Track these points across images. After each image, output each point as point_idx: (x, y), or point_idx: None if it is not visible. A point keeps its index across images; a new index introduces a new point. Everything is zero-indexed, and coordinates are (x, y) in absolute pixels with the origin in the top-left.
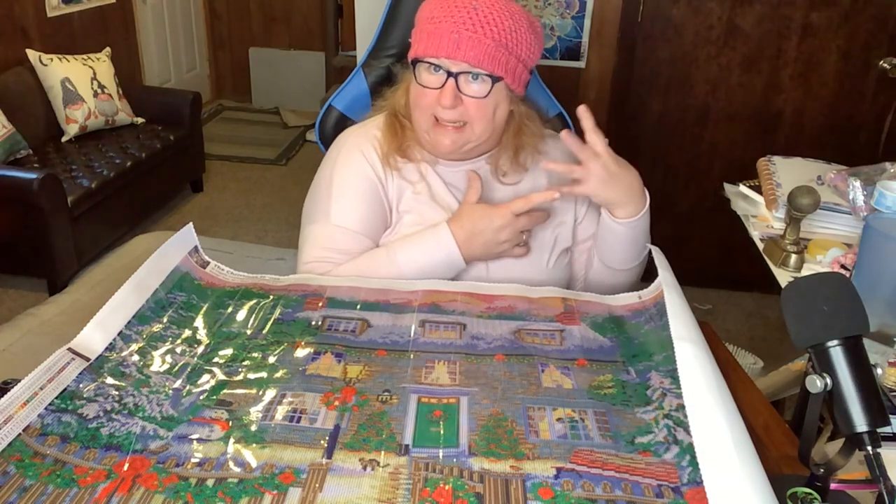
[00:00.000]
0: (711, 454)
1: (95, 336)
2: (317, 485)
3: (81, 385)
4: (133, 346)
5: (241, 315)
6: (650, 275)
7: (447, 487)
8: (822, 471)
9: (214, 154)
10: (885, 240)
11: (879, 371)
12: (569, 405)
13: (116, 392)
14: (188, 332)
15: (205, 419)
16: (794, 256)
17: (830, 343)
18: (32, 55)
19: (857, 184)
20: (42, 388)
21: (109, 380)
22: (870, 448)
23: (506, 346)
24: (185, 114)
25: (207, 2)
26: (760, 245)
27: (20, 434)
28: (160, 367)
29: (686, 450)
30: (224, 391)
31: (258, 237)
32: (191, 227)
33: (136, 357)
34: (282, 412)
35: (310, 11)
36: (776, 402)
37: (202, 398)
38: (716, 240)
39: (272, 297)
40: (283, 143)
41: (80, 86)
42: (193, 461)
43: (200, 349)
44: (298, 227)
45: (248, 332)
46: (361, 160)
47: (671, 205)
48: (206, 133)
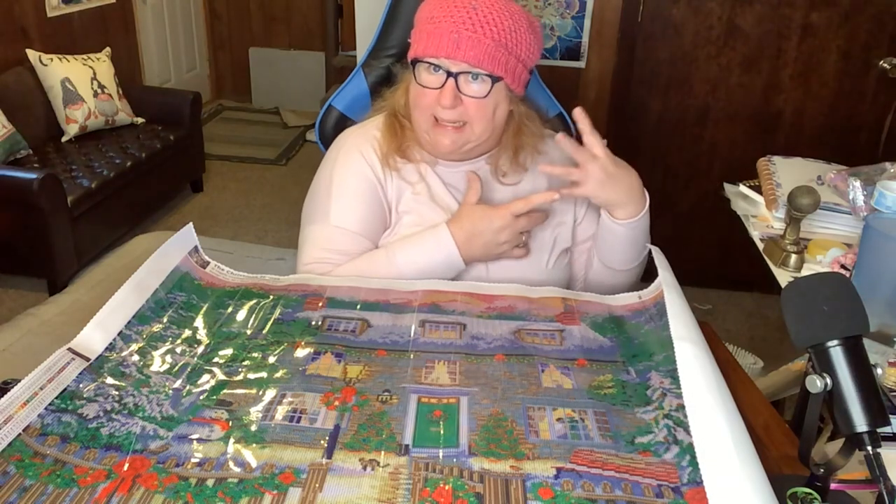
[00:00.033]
0: (711, 454)
1: (95, 336)
2: (317, 485)
3: (81, 385)
4: (133, 346)
5: (241, 315)
6: (650, 275)
7: (447, 487)
8: (822, 471)
9: (214, 154)
10: (885, 240)
11: (879, 371)
12: (569, 405)
13: (116, 392)
14: (188, 332)
15: (205, 419)
16: (794, 256)
17: (830, 343)
18: (32, 55)
19: (857, 184)
20: (42, 388)
21: (109, 380)
22: (870, 448)
23: (506, 346)
24: (185, 114)
25: (207, 2)
26: (760, 245)
27: (20, 434)
28: (160, 367)
29: (686, 450)
30: (224, 391)
31: (258, 237)
32: (191, 227)
33: (136, 357)
34: (282, 412)
35: (310, 11)
36: (776, 402)
37: (202, 398)
38: (716, 240)
39: (272, 297)
40: (283, 143)
41: (80, 86)
42: (193, 461)
43: (200, 349)
44: (298, 227)
45: (248, 332)
46: (361, 161)
47: (671, 205)
48: (206, 133)
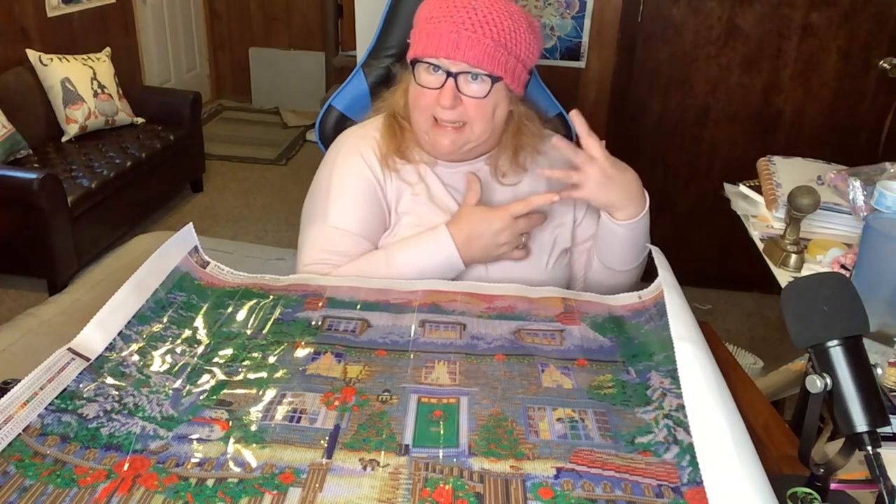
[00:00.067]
0: (711, 454)
1: (95, 336)
2: (317, 485)
3: (81, 385)
4: (133, 346)
5: (241, 315)
6: (650, 275)
7: (447, 487)
8: (822, 471)
9: (214, 154)
10: (885, 240)
11: (879, 371)
12: (569, 405)
13: (116, 392)
14: (188, 332)
15: (205, 419)
16: (794, 256)
17: (830, 343)
18: (32, 55)
19: (857, 184)
20: (42, 388)
21: (109, 380)
22: (870, 448)
23: (506, 346)
24: (185, 114)
25: (207, 2)
26: (760, 245)
27: (20, 434)
28: (160, 367)
29: (686, 450)
30: (224, 391)
31: (258, 237)
32: (191, 227)
33: (136, 357)
34: (282, 412)
35: (310, 11)
36: (776, 402)
37: (202, 398)
38: (716, 240)
39: (272, 297)
40: (283, 143)
41: (80, 86)
42: (193, 461)
43: (200, 349)
44: (298, 227)
45: (248, 332)
46: (360, 162)
47: (671, 205)
48: (206, 133)
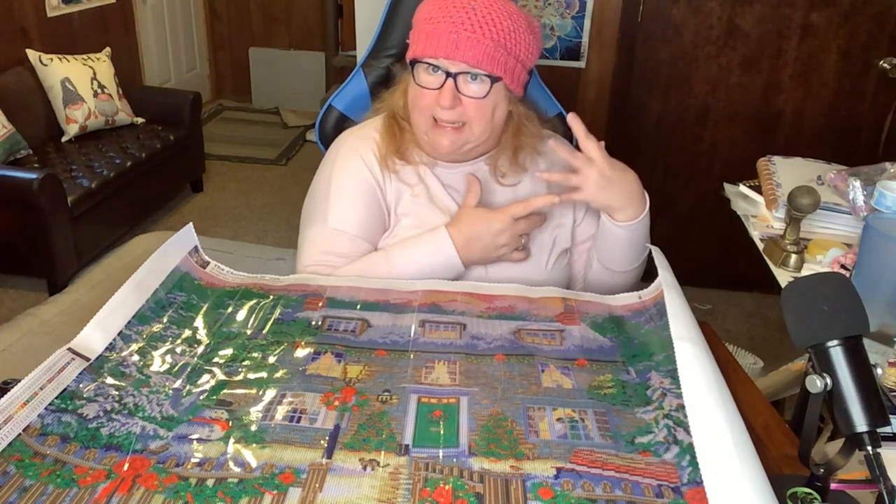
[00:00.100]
0: (711, 454)
1: (95, 336)
2: (317, 485)
3: (81, 385)
4: (133, 346)
5: (241, 315)
6: (650, 275)
7: (447, 487)
8: (822, 471)
9: (214, 154)
10: (885, 240)
11: (879, 371)
12: (569, 405)
13: (116, 392)
14: (188, 332)
15: (205, 419)
16: (794, 256)
17: (830, 343)
18: (32, 55)
19: (857, 184)
20: (42, 388)
21: (109, 380)
22: (870, 448)
23: (506, 346)
24: (185, 114)
25: (207, 2)
26: (760, 245)
27: (20, 434)
28: (160, 367)
29: (686, 450)
30: (224, 391)
31: (258, 237)
32: (191, 227)
33: (136, 357)
34: (282, 412)
35: (310, 11)
36: (776, 402)
37: (202, 398)
38: (716, 240)
39: (272, 297)
40: (283, 143)
41: (80, 86)
42: (193, 461)
43: (200, 349)
44: (298, 227)
45: (248, 332)
46: (359, 163)
47: (671, 205)
48: (206, 133)
